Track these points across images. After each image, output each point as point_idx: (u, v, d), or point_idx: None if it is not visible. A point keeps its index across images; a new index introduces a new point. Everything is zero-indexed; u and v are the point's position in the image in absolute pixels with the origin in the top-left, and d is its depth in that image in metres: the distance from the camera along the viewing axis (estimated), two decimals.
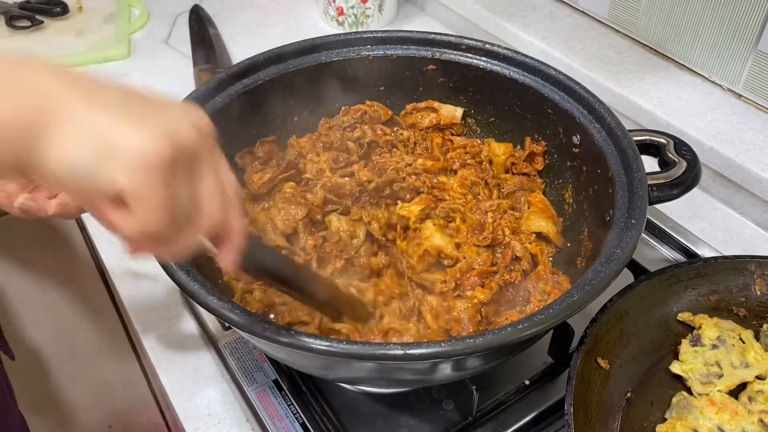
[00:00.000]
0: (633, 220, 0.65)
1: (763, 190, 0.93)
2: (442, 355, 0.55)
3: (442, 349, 0.55)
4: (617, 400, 0.68)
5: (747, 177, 0.94)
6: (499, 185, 0.86)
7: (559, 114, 0.82)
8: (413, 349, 0.55)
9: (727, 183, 0.97)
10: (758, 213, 0.96)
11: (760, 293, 0.75)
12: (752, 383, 0.68)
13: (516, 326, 0.56)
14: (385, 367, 0.61)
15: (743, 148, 0.96)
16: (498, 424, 0.73)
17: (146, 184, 0.37)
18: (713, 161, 0.97)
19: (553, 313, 0.57)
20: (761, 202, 0.94)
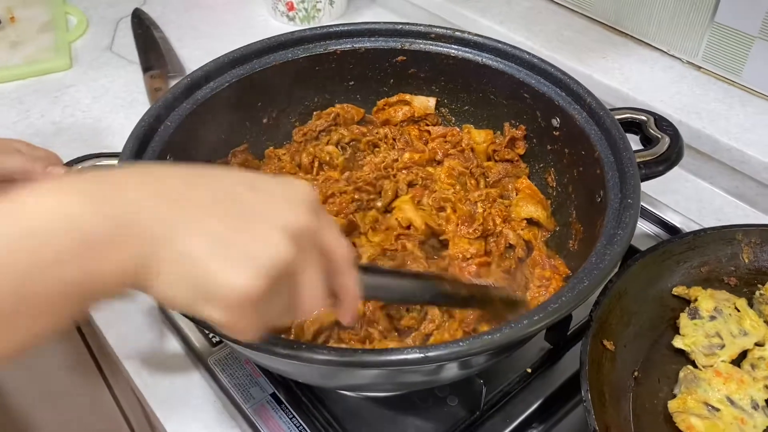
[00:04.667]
0: (629, 200, 0.65)
1: (731, 158, 0.95)
2: (463, 354, 0.53)
3: (462, 349, 0.53)
4: (626, 380, 0.68)
5: (716, 147, 0.96)
6: (484, 174, 0.85)
7: (537, 98, 0.82)
8: (432, 351, 0.53)
9: (696, 154, 0.99)
10: (728, 181, 0.98)
11: (748, 261, 0.76)
12: (752, 350, 0.69)
13: (531, 318, 0.55)
14: (398, 372, 0.59)
15: (709, 118, 0.98)
16: (506, 416, 0.72)
17: (241, 321, 0.39)
18: (682, 133, 0.98)
19: (566, 301, 0.56)
20: (730, 171, 0.96)
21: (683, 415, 0.64)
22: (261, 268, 0.38)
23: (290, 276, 0.40)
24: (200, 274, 0.37)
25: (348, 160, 0.86)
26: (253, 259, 0.38)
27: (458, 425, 0.72)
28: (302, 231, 0.40)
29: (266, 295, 0.38)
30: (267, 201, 0.40)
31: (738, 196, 0.98)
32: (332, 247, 0.43)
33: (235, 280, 0.37)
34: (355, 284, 0.46)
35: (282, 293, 0.40)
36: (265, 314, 0.40)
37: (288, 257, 0.39)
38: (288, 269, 0.39)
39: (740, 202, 0.98)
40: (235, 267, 0.37)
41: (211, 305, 0.38)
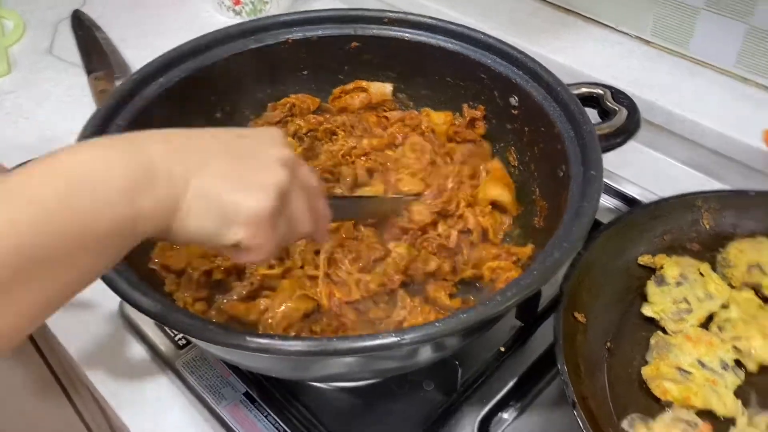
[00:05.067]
0: (592, 172, 0.65)
1: (685, 129, 0.97)
2: (438, 335, 0.52)
3: (437, 329, 0.52)
4: (599, 351, 0.69)
5: (669, 118, 0.97)
6: (449, 155, 0.85)
7: (493, 77, 0.81)
8: (408, 334, 0.52)
9: (651, 127, 1.00)
10: (683, 152, 1.00)
11: (709, 227, 0.78)
12: (718, 313, 0.71)
13: (505, 294, 0.55)
14: (374, 358, 0.58)
15: (661, 91, 0.99)
16: (482, 396, 0.72)
17: (260, 235, 0.47)
18: None
19: (538, 274, 0.56)
20: (685, 141, 0.98)
21: (657, 380, 0.65)
22: (269, 191, 0.47)
23: (287, 197, 0.49)
24: (224, 203, 0.45)
25: (307, 150, 0.85)
26: (262, 185, 0.47)
27: (436, 409, 0.71)
28: (290, 161, 0.50)
29: (276, 212, 0.47)
30: (255, 143, 0.50)
31: (694, 166, 1.00)
32: (307, 177, 0.53)
33: (253, 203, 0.46)
34: (326, 206, 0.57)
35: (284, 213, 0.49)
36: (276, 230, 0.48)
37: (286, 180, 0.48)
38: (286, 191, 0.48)
39: (696, 172, 1.00)
40: (251, 193, 0.46)
41: (235, 228, 0.46)
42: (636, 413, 0.63)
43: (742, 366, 0.67)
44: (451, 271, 0.74)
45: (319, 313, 0.68)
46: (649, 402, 0.64)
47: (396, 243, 0.75)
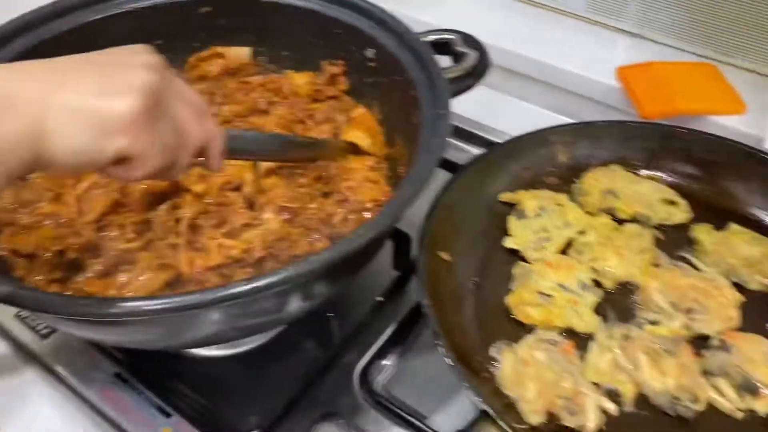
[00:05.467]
0: (440, 111, 0.66)
1: (545, 74, 1.00)
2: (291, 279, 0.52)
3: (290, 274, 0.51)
4: (466, 286, 0.70)
5: (530, 65, 1.00)
6: (311, 116, 0.84)
7: (349, 31, 0.81)
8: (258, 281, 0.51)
9: (512, 75, 1.03)
10: (547, 99, 1.03)
11: (565, 159, 0.80)
12: (576, 239, 0.73)
13: (356, 233, 0.55)
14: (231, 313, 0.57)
15: (520, 39, 1.02)
16: (362, 347, 0.72)
17: (140, 139, 0.44)
18: (498, 58, 1.02)
19: (389, 210, 0.56)
20: (547, 86, 1.01)
21: (520, 306, 0.67)
22: (137, 91, 0.44)
23: (161, 98, 0.46)
24: (91, 113, 0.43)
25: None
26: (129, 86, 0.44)
27: (317, 365, 0.71)
28: (158, 65, 0.47)
29: (152, 113, 0.45)
30: (117, 53, 0.48)
31: (558, 110, 1.04)
32: (183, 87, 0.51)
33: (121, 104, 0.43)
34: (216, 125, 0.54)
35: (163, 116, 0.47)
36: (158, 134, 0.46)
37: (156, 80, 0.45)
38: (159, 94, 0.46)
39: (560, 116, 1.03)
40: (116, 96, 0.43)
41: (110, 137, 0.43)
42: (503, 340, 0.65)
43: (600, 285, 0.70)
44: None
45: (181, 282, 0.66)
46: (515, 328, 0.66)
47: (273, 215, 0.74)
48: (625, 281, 0.69)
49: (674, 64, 0.94)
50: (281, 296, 0.59)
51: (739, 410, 0.60)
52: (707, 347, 0.64)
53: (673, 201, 0.76)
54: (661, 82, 0.91)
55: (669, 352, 0.62)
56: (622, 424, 0.59)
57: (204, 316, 0.57)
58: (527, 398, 0.59)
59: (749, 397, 0.60)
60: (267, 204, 0.72)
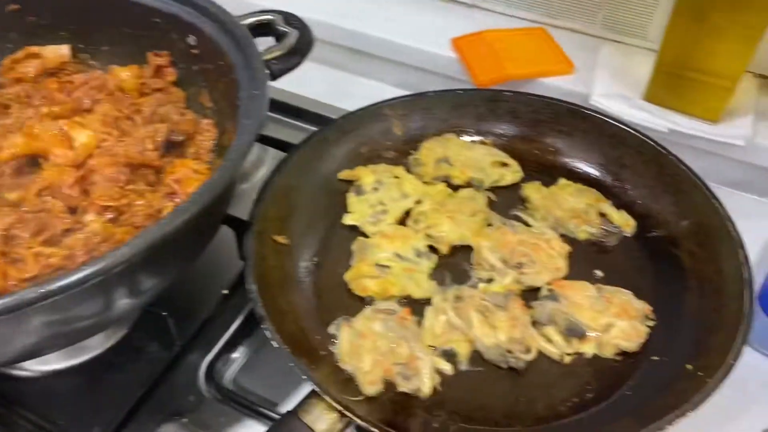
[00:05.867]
0: (256, 91, 0.64)
1: (385, 50, 1.01)
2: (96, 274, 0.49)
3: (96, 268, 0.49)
4: (306, 267, 0.69)
5: (371, 43, 1.01)
6: (139, 111, 0.80)
7: (168, 20, 0.78)
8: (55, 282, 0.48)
9: (356, 54, 1.03)
10: (390, 75, 1.04)
11: (401, 133, 0.81)
12: (414, 208, 0.74)
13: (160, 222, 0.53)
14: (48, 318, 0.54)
15: (360, 18, 1.02)
16: (208, 343, 0.70)
17: None
18: (338, 36, 1.02)
19: (197, 195, 0.55)
20: (389, 63, 1.02)
21: (358, 280, 0.67)
22: None
23: None
24: None
25: None
26: None
27: (161, 367, 0.68)
28: None
29: None
30: None
31: (405, 87, 1.04)
32: None
33: None
34: None
35: None
36: None
37: None
38: None
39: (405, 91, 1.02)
40: None
41: None
42: (342, 316, 0.65)
43: (436, 251, 0.71)
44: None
45: None
46: (355, 303, 0.66)
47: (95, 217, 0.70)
48: (458, 244, 0.71)
49: (505, 32, 0.97)
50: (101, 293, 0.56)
51: (567, 354, 0.63)
52: (538, 298, 0.66)
53: (504, 163, 0.79)
54: (492, 50, 0.93)
55: (500, 307, 0.64)
56: (457, 383, 0.61)
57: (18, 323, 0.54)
58: (364, 370, 0.59)
59: (576, 341, 0.63)
60: (89, 206, 0.69)
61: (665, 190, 0.73)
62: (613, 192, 0.76)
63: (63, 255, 0.64)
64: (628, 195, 0.76)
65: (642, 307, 0.65)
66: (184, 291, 0.72)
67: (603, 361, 0.62)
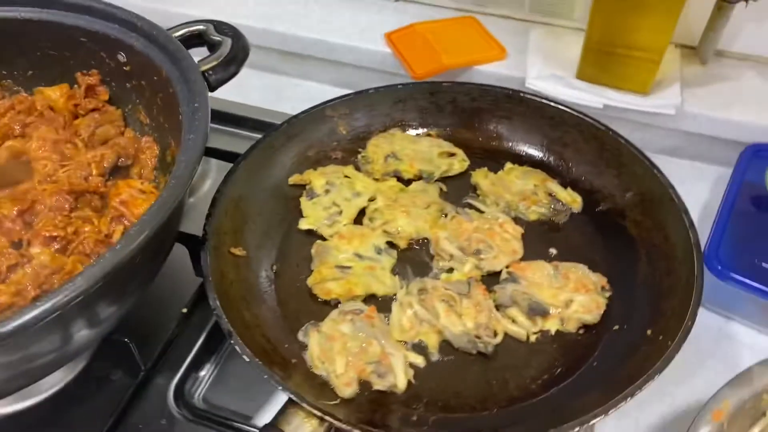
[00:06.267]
0: (196, 104, 0.63)
1: (320, 51, 1.00)
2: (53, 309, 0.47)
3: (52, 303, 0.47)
4: (266, 276, 0.69)
5: (305, 45, 1.00)
6: (77, 133, 0.78)
7: (95, 39, 0.75)
8: (8, 324, 0.46)
9: (291, 57, 1.03)
10: (329, 75, 1.03)
11: (346, 132, 0.81)
12: (368, 206, 0.74)
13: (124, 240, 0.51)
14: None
15: (291, 21, 1.01)
16: (173, 364, 0.69)
17: None
18: (271, 40, 1.01)
19: (148, 217, 0.53)
20: (325, 63, 1.02)
21: (320, 284, 0.67)
22: None
23: None
24: None
25: None
26: None
27: (127, 395, 0.66)
28: None
29: None
30: None
31: (344, 86, 1.04)
32: None
33: None
34: None
35: None
36: None
37: None
38: None
39: (345, 90, 1.03)
40: None
41: None
42: (309, 322, 0.64)
43: (395, 246, 0.71)
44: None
45: None
46: (321, 307, 0.66)
47: (41, 248, 0.67)
48: (416, 237, 0.72)
49: (436, 23, 0.98)
50: (58, 328, 0.54)
51: (533, 333, 0.64)
52: (499, 282, 0.68)
53: (451, 153, 0.80)
54: (425, 41, 0.94)
55: (463, 294, 0.65)
56: (431, 374, 0.61)
57: None
58: (337, 372, 0.59)
59: (540, 320, 0.65)
60: (33, 237, 0.66)
61: (608, 165, 0.75)
62: (558, 171, 0.78)
63: (12, 292, 0.62)
64: (572, 173, 0.78)
65: (598, 280, 0.67)
66: (143, 314, 0.70)
67: (567, 336, 0.64)
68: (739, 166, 0.82)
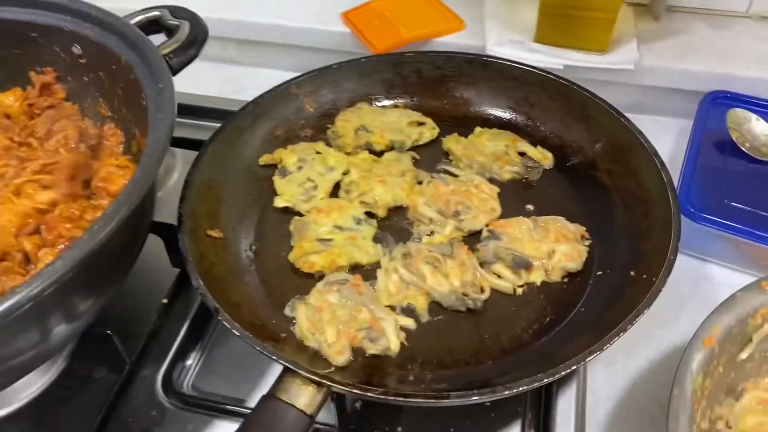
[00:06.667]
0: (160, 85, 0.62)
1: (277, 36, 0.99)
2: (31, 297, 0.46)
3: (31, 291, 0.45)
4: (246, 256, 0.68)
5: (261, 31, 0.99)
6: (33, 134, 0.75)
7: (46, 33, 0.73)
8: None
9: (248, 45, 1.01)
10: (290, 61, 1.02)
11: (313, 109, 0.80)
12: (343, 179, 0.74)
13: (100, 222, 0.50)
14: None
15: (245, 7, 1.00)
16: (157, 354, 0.67)
17: None
18: (226, 29, 0.99)
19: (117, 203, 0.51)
20: (282, 47, 1.01)
21: (303, 258, 0.66)
22: None
23: None
24: None
25: None
26: None
27: (114, 390, 0.65)
28: None
29: None
30: None
31: (303, 70, 1.03)
32: None
33: None
34: None
35: None
36: None
37: None
38: None
39: None
40: None
41: None
42: (295, 296, 0.63)
43: (374, 216, 0.71)
44: None
45: None
46: (305, 281, 0.65)
47: None
48: (394, 205, 0.71)
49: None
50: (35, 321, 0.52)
51: (519, 286, 0.65)
52: (480, 241, 0.68)
53: (420, 122, 0.80)
54: (383, 17, 0.94)
55: (447, 255, 0.65)
56: (423, 335, 0.61)
57: None
58: (329, 341, 0.58)
59: (524, 272, 0.65)
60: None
61: (575, 119, 0.76)
62: (527, 131, 0.79)
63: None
64: (540, 131, 0.79)
65: (577, 230, 0.67)
66: (123, 308, 0.69)
67: (553, 285, 0.65)
68: (699, 114, 0.84)
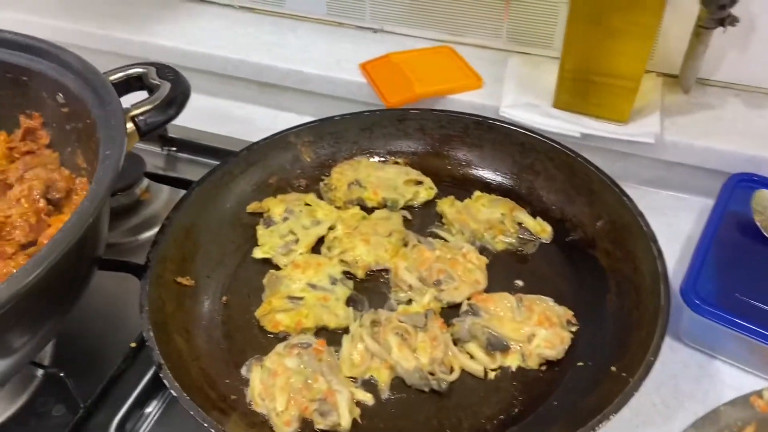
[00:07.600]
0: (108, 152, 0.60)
1: (295, 81, 0.99)
2: None
3: None
4: (214, 308, 0.66)
5: (281, 75, 0.99)
6: (6, 179, 0.75)
7: (35, 78, 0.72)
8: None
9: (267, 87, 1.01)
10: (307, 106, 1.02)
11: (310, 160, 0.79)
12: (328, 235, 0.72)
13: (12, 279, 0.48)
14: None
15: (266, 51, 1.00)
16: (115, 400, 0.65)
17: None
18: (248, 72, 1.00)
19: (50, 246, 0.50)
20: (301, 94, 1.00)
21: (269, 316, 0.63)
22: None
23: None
24: None
25: None
26: None
27: None
28: None
29: None
30: None
31: (314, 115, 1.02)
32: None
33: None
34: None
35: None
36: None
37: None
38: None
39: None
40: None
41: None
42: (255, 356, 0.61)
43: (353, 276, 0.68)
44: None
45: None
46: (268, 340, 0.63)
47: None
48: (375, 267, 0.68)
49: (411, 52, 0.97)
50: None
51: (492, 370, 0.60)
52: (458, 315, 0.64)
53: (418, 181, 0.77)
54: (399, 71, 0.93)
55: (419, 327, 0.61)
56: (379, 413, 0.57)
57: None
58: (278, 410, 0.55)
59: (499, 355, 0.61)
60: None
61: (578, 193, 0.72)
62: (528, 200, 0.75)
63: None
64: (542, 201, 0.75)
65: (564, 313, 0.63)
66: (86, 347, 0.67)
67: (528, 372, 0.60)
68: (721, 196, 0.78)
